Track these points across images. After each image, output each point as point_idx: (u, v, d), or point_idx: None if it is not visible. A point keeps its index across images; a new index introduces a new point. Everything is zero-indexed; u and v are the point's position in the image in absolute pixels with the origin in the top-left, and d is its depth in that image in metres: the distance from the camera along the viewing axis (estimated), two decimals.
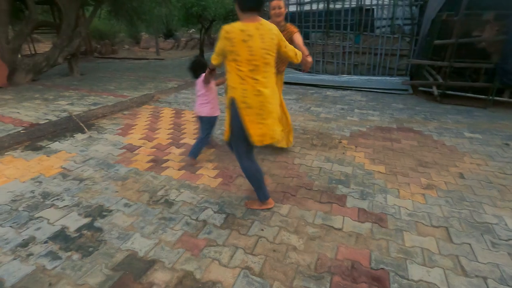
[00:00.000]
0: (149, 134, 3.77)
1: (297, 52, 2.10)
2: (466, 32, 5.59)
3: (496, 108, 5.16)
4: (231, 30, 1.78)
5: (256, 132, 1.93)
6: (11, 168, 2.83)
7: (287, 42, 2.02)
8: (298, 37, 2.74)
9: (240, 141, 2.02)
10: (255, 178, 2.15)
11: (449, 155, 3.29)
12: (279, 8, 2.71)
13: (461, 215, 2.24)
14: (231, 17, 10.55)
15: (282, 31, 2.84)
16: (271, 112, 1.93)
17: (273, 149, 3.33)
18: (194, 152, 2.93)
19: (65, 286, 1.59)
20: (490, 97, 5.18)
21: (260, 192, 2.21)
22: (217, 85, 2.98)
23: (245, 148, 2.06)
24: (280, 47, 1.95)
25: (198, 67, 2.85)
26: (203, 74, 2.68)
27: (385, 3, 7.49)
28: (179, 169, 2.86)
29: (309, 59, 2.41)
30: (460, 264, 1.77)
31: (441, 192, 2.54)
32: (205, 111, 2.85)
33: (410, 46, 7.39)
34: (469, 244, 1.94)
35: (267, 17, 2.62)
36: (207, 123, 2.91)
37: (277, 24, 2.82)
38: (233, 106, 1.93)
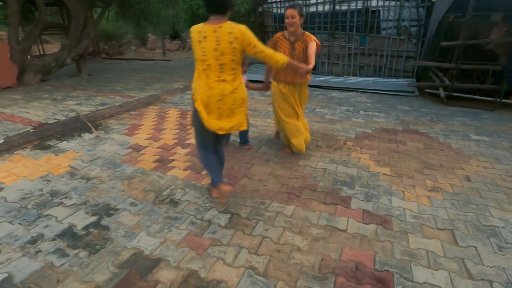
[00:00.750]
0: (155, 134, 3.81)
1: (278, 59, 2.03)
2: (473, 33, 5.54)
3: (503, 111, 5.11)
4: (192, 30, 1.95)
5: (205, 120, 2.03)
6: (21, 167, 2.88)
7: (262, 48, 1.97)
8: (310, 46, 2.70)
9: (197, 130, 2.20)
10: (206, 166, 2.30)
11: (455, 158, 3.26)
12: (292, 17, 2.65)
13: (467, 218, 2.22)
14: (236, 18, 10.60)
15: (296, 40, 2.81)
16: (220, 108, 2.03)
17: (277, 150, 3.34)
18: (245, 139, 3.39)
19: (72, 283, 1.62)
20: (498, 100, 5.12)
21: (212, 178, 2.31)
22: (250, 89, 2.93)
23: (202, 138, 2.23)
24: (248, 51, 1.95)
25: None
26: None
27: (391, 4, 7.45)
28: (184, 169, 2.89)
29: (309, 66, 2.32)
30: (465, 267, 1.76)
31: (447, 195, 2.53)
32: None
33: (416, 48, 7.34)
34: (475, 247, 1.92)
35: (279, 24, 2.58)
36: None
37: (292, 33, 2.78)
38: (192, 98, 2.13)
